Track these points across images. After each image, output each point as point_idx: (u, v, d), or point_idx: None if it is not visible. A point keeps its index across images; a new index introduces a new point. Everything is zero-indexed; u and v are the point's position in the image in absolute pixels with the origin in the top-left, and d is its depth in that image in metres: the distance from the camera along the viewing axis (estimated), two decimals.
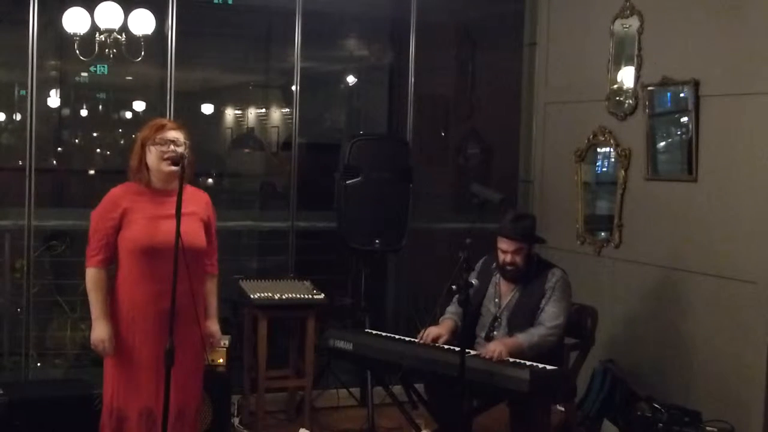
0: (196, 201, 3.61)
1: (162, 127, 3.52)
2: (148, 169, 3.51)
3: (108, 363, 3.52)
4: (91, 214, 3.53)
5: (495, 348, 4.15)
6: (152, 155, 3.49)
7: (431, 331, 4.37)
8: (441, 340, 4.35)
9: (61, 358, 5.50)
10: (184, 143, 3.51)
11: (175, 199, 3.36)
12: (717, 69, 4.71)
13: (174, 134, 3.50)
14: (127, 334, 3.46)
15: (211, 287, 3.73)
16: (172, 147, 3.47)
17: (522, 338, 4.26)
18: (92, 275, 3.47)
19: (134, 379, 3.45)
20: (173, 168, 3.44)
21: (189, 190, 3.56)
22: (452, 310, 4.58)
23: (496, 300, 4.50)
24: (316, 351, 5.04)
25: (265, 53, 6.98)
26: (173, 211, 3.32)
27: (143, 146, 3.51)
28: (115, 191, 3.54)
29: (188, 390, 3.57)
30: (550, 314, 4.33)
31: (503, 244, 4.40)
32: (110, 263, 3.50)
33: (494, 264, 4.52)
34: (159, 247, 3.39)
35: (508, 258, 4.39)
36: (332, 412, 5.45)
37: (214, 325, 3.72)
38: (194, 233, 3.52)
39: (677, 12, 4.98)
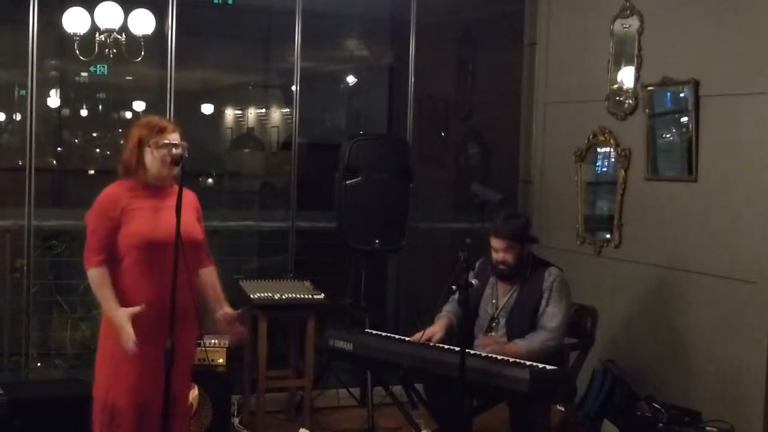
0: (185, 195, 3.62)
1: (163, 130, 3.52)
2: (145, 167, 3.52)
3: (104, 358, 3.50)
4: (86, 216, 3.50)
5: (493, 347, 4.20)
6: (153, 158, 3.50)
7: (426, 331, 4.38)
8: (435, 338, 4.36)
9: (61, 358, 5.50)
10: (182, 143, 3.54)
11: (170, 193, 3.44)
12: (717, 69, 4.71)
13: (174, 137, 3.54)
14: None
15: (214, 278, 3.73)
16: (173, 150, 3.50)
17: (522, 344, 4.27)
18: (96, 274, 3.45)
19: (132, 374, 3.44)
20: (176, 170, 3.48)
21: (176, 186, 3.57)
22: (448, 308, 4.58)
23: (494, 301, 4.50)
24: (316, 351, 5.04)
25: (265, 53, 6.98)
26: (170, 204, 3.37)
27: (140, 145, 3.52)
28: (111, 191, 3.52)
29: (183, 382, 3.62)
30: (550, 316, 4.34)
31: (494, 243, 4.43)
32: (111, 263, 3.48)
33: (491, 265, 4.53)
34: (161, 241, 3.39)
35: (500, 256, 4.41)
36: (332, 412, 5.45)
37: (227, 308, 3.69)
38: (192, 226, 3.57)
39: (677, 12, 4.98)
